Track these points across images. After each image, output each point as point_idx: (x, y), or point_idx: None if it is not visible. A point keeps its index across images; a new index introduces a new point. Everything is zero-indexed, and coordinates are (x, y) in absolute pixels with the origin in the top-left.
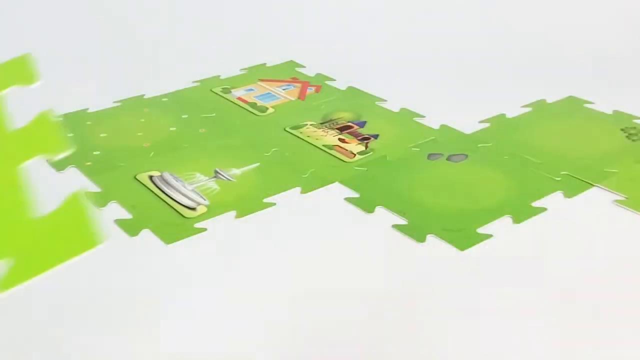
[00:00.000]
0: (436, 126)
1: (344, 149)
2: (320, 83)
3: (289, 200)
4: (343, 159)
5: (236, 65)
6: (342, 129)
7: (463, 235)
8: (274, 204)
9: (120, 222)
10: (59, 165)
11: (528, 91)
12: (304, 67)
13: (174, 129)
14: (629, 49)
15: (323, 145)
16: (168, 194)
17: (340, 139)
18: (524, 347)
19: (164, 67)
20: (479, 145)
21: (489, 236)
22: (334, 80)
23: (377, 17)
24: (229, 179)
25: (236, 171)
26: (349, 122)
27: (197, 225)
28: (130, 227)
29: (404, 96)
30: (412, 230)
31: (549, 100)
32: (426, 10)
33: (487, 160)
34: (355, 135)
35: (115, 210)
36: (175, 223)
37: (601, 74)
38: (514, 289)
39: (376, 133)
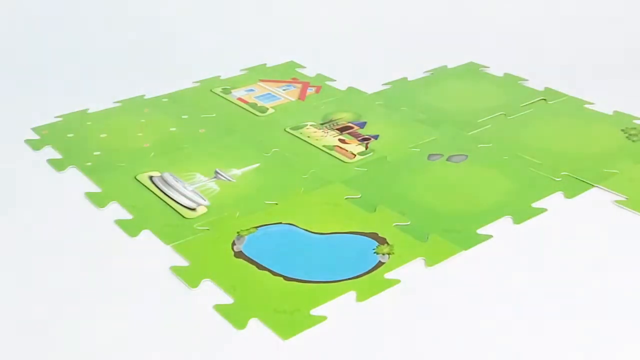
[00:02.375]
0: (437, 126)
1: (344, 149)
2: (320, 83)
3: None
4: (343, 159)
5: (236, 65)
6: (342, 130)
7: (463, 236)
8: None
9: (121, 222)
10: (59, 166)
11: (528, 92)
12: (304, 67)
13: (174, 129)
14: (629, 48)
15: (323, 146)
16: (168, 194)
17: (340, 140)
18: (522, 346)
19: (164, 67)
20: (479, 145)
21: (489, 237)
22: (334, 80)
23: (377, 17)
24: (229, 180)
25: (236, 171)
26: (349, 122)
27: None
28: (131, 227)
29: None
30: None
31: (549, 100)
32: (425, 8)
33: (487, 161)
34: (356, 135)
35: (115, 211)
36: (175, 224)
37: (601, 74)
38: (514, 289)
39: (376, 133)
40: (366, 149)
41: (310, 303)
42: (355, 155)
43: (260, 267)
